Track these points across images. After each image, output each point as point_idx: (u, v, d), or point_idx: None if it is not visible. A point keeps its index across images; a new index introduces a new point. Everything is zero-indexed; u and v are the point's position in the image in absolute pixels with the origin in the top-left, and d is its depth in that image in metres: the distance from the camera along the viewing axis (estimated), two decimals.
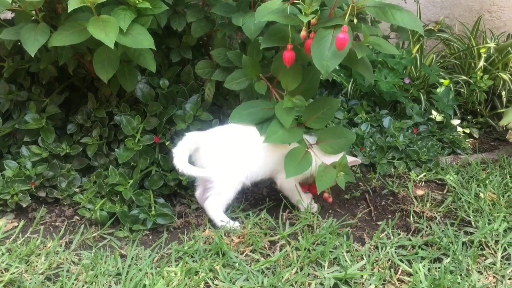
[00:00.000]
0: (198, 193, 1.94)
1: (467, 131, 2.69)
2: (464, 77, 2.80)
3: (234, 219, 1.88)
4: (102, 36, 1.64)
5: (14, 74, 2.16)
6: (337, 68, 2.73)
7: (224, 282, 1.57)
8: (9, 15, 2.17)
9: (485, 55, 2.83)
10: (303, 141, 1.86)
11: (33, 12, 1.80)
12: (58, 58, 1.93)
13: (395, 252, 1.72)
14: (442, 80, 2.72)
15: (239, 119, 1.85)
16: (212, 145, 1.85)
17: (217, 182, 1.83)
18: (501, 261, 1.69)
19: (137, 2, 1.74)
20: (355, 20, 1.59)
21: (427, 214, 1.93)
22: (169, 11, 2.01)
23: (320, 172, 1.80)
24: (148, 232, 1.86)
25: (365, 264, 1.65)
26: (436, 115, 2.61)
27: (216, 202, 1.84)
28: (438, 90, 2.68)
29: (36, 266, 1.64)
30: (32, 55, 1.72)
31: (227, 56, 1.97)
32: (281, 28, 1.76)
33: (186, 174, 1.82)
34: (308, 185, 2.03)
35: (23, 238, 1.79)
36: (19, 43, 2.10)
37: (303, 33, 1.65)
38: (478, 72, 2.77)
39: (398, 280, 1.60)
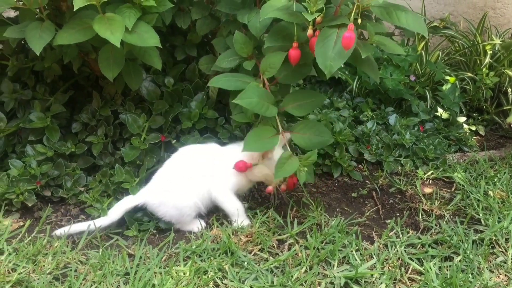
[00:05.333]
0: None
1: (473, 128, 2.68)
2: (469, 74, 2.79)
3: None
4: (108, 35, 1.63)
5: (18, 73, 2.14)
6: (342, 65, 2.70)
7: (233, 281, 1.56)
8: (11, 13, 2.16)
9: (491, 52, 2.81)
10: (275, 121, 1.75)
11: (37, 10, 1.79)
12: (62, 57, 1.92)
13: (405, 250, 1.70)
14: (447, 77, 2.70)
15: (217, 83, 1.79)
16: (158, 195, 1.82)
17: (174, 220, 1.84)
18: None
19: (142, 0, 1.73)
20: (360, 20, 1.56)
21: (436, 212, 1.92)
22: (174, 8, 1.99)
23: (283, 159, 1.69)
24: (155, 231, 1.85)
25: (375, 263, 1.64)
26: (442, 113, 2.60)
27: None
28: (443, 87, 2.66)
29: (44, 266, 1.63)
30: (38, 54, 1.70)
31: (227, 44, 1.91)
32: (285, 26, 1.73)
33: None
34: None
35: (30, 238, 1.77)
36: (22, 42, 2.10)
37: (310, 31, 1.63)
38: (484, 69, 2.75)
39: (409, 279, 1.59)
